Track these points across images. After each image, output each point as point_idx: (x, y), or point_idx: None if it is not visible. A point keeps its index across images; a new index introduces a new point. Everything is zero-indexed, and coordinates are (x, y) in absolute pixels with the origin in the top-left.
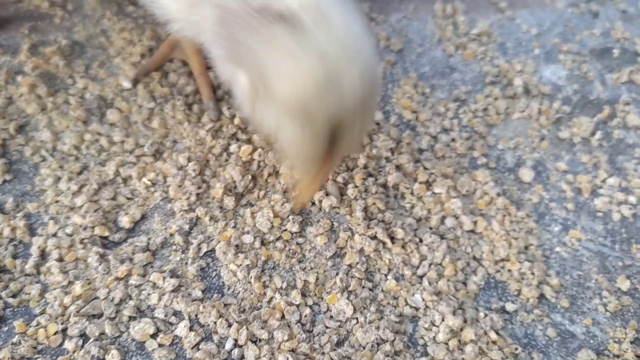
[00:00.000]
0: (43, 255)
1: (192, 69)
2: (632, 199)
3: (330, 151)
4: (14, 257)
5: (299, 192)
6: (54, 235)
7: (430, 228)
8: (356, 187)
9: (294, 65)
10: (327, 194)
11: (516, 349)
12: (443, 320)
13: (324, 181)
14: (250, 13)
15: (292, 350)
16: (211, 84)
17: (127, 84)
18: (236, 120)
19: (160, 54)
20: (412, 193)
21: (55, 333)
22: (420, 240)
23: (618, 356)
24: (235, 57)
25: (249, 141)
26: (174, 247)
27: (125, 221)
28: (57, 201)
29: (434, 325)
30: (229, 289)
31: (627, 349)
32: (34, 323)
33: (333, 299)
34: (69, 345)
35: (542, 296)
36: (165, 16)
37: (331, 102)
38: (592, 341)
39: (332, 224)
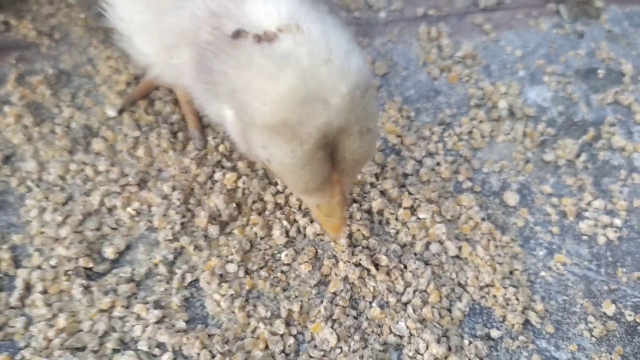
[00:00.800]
0: (28, 288)
1: (178, 97)
2: (617, 221)
3: (334, 170)
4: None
5: (325, 226)
6: (39, 267)
7: (415, 254)
8: None
9: (271, 85)
10: (311, 221)
11: None
12: (427, 348)
13: (345, 205)
14: (225, 40)
15: None
16: (197, 113)
17: (112, 113)
18: (221, 148)
19: (146, 83)
20: (396, 219)
21: None
22: (405, 267)
23: None
24: (215, 89)
25: (233, 168)
26: (158, 277)
27: (109, 252)
28: (42, 232)
29: (418, 353)
30: (213, 319)
31: None
32: (18, 357)
33: (317, 328)
34: None
35: (527, 322)
36: (144, 61)
37: (316, 116)
38: None
39: (317, 251)
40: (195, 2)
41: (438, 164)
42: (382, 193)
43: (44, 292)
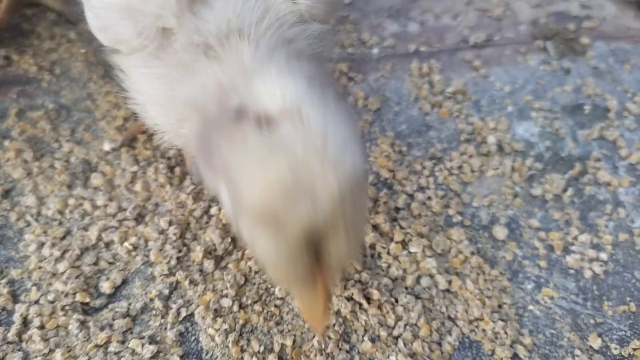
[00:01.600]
0: (25, 323)
1: None
2: (603, 255)
3: (318, 266)
4: None
5: (308, 318)
6: (36, 302)
7: (406, 288)
8: None
9: (261, 169)
10: None
11: None
12: None
13: (328, 299)
14: (227, 115)
15: None
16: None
17: (108, 147)
18: None
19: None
20: (388, 253)
21: None
22: (396, 301)
23: None
24: (212, 162)
25: None
26: (154, 312)
27: (106, 286)
28: (40, 267)
29: None
30: (207, 353)
31: None
32: None
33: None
34: None
35: (515, 355)
36: (156, 127)
37: (303, 209)
38: None
39: None
40: (207, 73)
41: (429, 198)
42: (375, 227)
43: (41, 327)
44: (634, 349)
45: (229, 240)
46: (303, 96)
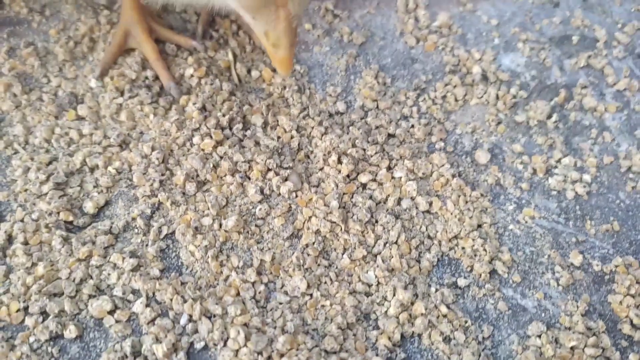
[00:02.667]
0: (10, 240)
1: (147, 56)
2: (586, 177)
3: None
4: None
5: (275, 63)
6: (21, 220)
7: (387, 210)
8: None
9: None
10: (284, 180)
11: (466, 322)
12: (394, 294)
13: (290, 35)
14: None
15: (245, 325)
16: (167, 67)
17: (94, 83)
18: (197, 116)
19: (115, 45)
20: (374, 179)
21: (17, 311)
22: (377, 221)
23: (569, 328)
24: None
25: (210, 136)
26: (136, 230)
27: (89, 207)
28: (25, 190)
29: (385, 300)
30: (187, 268)
31: (577, 321)
32: None
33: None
34: (29, 321)
35: (494, 272)
36: None
37: None
38: (543, 314)
39: (290, 207)
40: None
41: (412, 126)
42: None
43: (25, 243)
44: (616, 266)
45: (211, 166)
46: None
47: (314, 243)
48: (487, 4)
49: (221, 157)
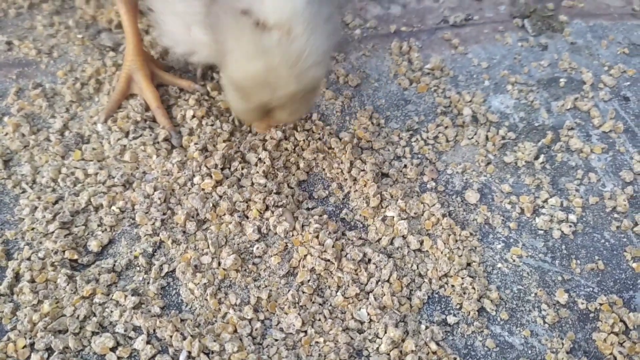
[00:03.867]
0: (17, 277)
1: (148, 103)
2: (572, 217)
3: (266, 117)
4: None
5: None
6: (28, 259)
7: (380, 249)
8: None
9: (244, 62)
10: (280, 220)
11: (455, 358)
12: (386, 332)
13: (269, 127)
14: (236, 8)
15: None
16: (167, 114)
17: (99, 127)
18: (197, 156)
19: (118, 92)
20: (365, 218)
21: (24, 347)
22: (369, 260)
23: None
24: (215, 33)
25: (210, 176)
26: (138, 268)
27: (93, 245)
28: (32, 228)
29: (377, 337)
30: (186, 305)
31: (563, 359)
32: (4, 338)
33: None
34: (35, 358)
35: (482, 309)
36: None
37: (264, 95)
38: (530, 351)
39: (287, 246)
40: None
41: (405, 166)
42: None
43: (32, 280)
44: (601, 304)
45: (211, 205)
46: (298, 16)
47: (309, 281)
48: (478, 47)
49: (220, 197)
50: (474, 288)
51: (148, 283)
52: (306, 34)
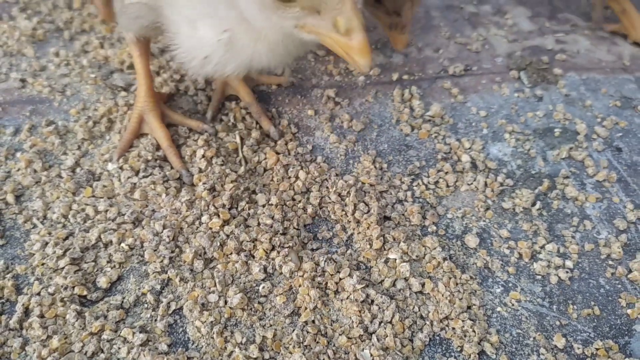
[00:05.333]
0: (26, 312)
1: (159, 142)
2: (569, 263)
3: None
4: (1, 313)
5: (354, 54)
6: (38, 294)
7: (383, 290)
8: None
9: None
10: (287, 261)
11: None
12: None
13: (358, 12)
14: None
15: None
16: (179, 153)
17: (111, 166)
18: (206, 196)
19: (130, 132)
20: (368, 259)
21: None
22: (372, 302)
23: None
24: None
25: (218, 215)
26: (146, 305)
27: (103, 282)
28: (43, 264)
29: None
30: (193, 343)
31: None
32: None
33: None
34: None
35: (482, 352)
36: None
37: None
38: None
39: (291, 285)
40: None
41: (407, 210)
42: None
43: (41, 316)
44: (597, 349)
45: (218, 244)
46: None
47: (313, 321)
48: (477, 97)
49: (228, 236)
50: (474, 331)
51: (155, 320)
52: None
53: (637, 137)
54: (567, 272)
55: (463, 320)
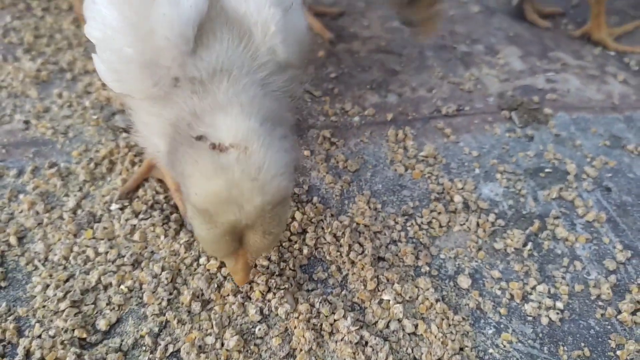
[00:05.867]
0: (27, 355)
1: (168, 186)
2: (559, 304)
3: (241, 248)
4: (2, 356)
5: (232, 276)
6: (39, 336)
7: (376, 332)
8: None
9: (205, 182)
10: (282, 303)
11: None
12: None
13: (247, 269)
14: (191, 137)
15: None
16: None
17: (114, 207)
18: None
19: (139, 174)
20: (362, 300)
21: None
22: (366, 343)
23: None
24: (176, 169)
25: (215, 257)
26: (144, 347)
27: (102, 324)
28: (44, 306)
29: None
30: None
31: None
32: None
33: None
34: None
35: None
36: (154, 151)
37: (230, 215)
38: None
39: (287, 327)
40: (187, 103)
41: (400, 250)
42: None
43: (42, 359)
44: None
45: (215, 286)
46: (256, 133)
47: None
48: (469, 136)
49: (225, 278)
50: None
51: None
52: (263, 148)
53: (626, 177)
54: (557, 313)
55: None
